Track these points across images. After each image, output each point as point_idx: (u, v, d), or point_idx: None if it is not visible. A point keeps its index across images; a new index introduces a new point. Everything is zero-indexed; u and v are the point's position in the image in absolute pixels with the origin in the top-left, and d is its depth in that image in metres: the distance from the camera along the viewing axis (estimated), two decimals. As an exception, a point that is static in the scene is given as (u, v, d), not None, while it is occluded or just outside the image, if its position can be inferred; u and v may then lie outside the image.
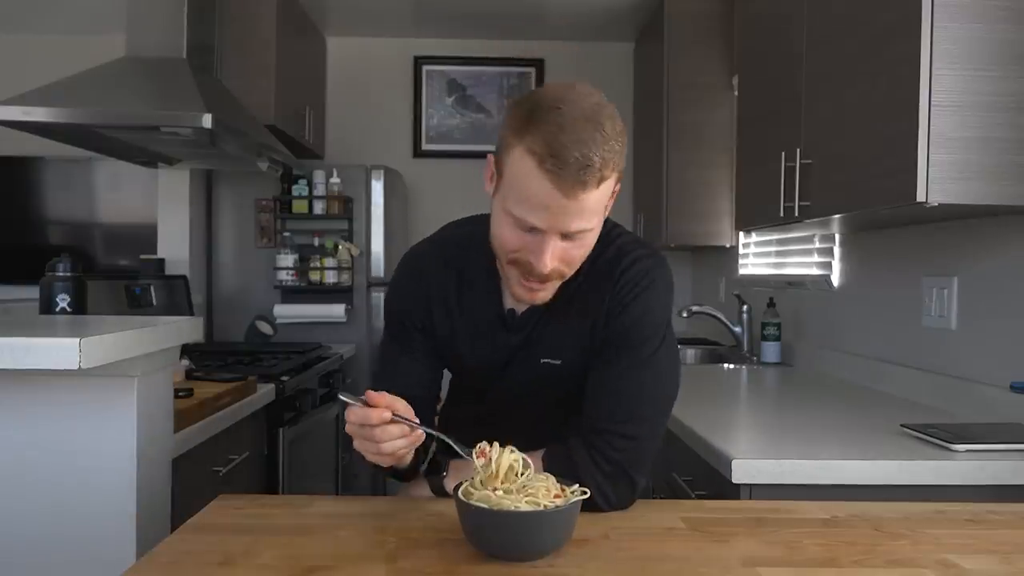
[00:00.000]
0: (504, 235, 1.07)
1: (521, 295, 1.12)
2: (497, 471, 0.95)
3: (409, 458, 1.09)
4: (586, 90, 1.03)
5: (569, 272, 1.11)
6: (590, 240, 1.09)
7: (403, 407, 1.01)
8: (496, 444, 0.98)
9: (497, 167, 1.07)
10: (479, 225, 1.19)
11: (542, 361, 1.19)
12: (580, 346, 1.17)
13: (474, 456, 0.98)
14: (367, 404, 0.99)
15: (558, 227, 1.02)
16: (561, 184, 0.98)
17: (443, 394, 1.37)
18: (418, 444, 1.04)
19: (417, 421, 1.02)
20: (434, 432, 1.06)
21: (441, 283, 1.22)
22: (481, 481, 0.95)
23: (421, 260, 1.25)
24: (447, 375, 1.38)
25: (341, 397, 1.01)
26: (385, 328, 1.29)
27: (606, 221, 1.20)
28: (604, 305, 1.15)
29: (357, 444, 1.02)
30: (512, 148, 1.02)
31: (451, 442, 1.05)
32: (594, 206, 1.02)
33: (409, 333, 1.24)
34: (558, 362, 1.19)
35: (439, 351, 1.25)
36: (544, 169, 0.98)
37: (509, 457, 0.96)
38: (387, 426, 0.99)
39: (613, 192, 1.08)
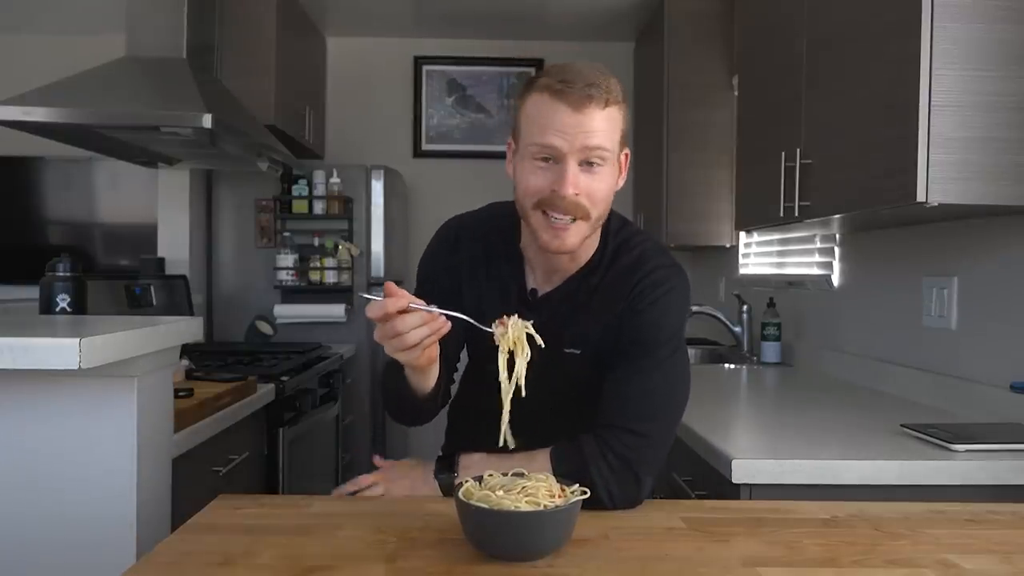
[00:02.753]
0: (527, 180, 1.13)
1: (548, 241, 1.15)
2: (516, 338, 1.03)
3: (436, 354, 1.09)
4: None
5: (593, 213, 1.14)
6: (605, 177, 1.13)
7: (420, 301, 1.01)
8: (516, 316, 1.07)
9: (513, 137, 1.17)
10: (513, 208, 1.23)
11: (565, 351, 1.21)
12: (598, 340, 1.20)
13: (494, 326, 1.05)
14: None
15: (575, 144, 1.09)
16: (570, 99, 1.08)
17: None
18: (442, 331, 1.02)
19: (435, 309, 1.01)
20: (451, 313, 1.05)
21: (472, 256, 1.28)
22: (501, 347, 1.04)
23: (458, 230, 1.31)
24: (456, 374, 1.38)
25: (362, 295, 1.05)
26: (416, 290, 1.29)
27: (629, 223, 1.27)
28: (622, 304, 1.19)
29: (387, 347, 1.02)
30: (524, 101, 1.14)
31: (470, 319, 1.08)
32: (606, 128, 1.10)
33: (437, 296, 1.24)
34: (578, 352, 1.21)
35: (468, 330, 1.25)
36: (553, 92, 1.09)
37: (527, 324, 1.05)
38: (405, 316, 0.99)
39: (626, 156, 1.17)
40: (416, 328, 0.99)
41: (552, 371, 1.21)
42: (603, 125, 1.10)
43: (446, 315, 1.03)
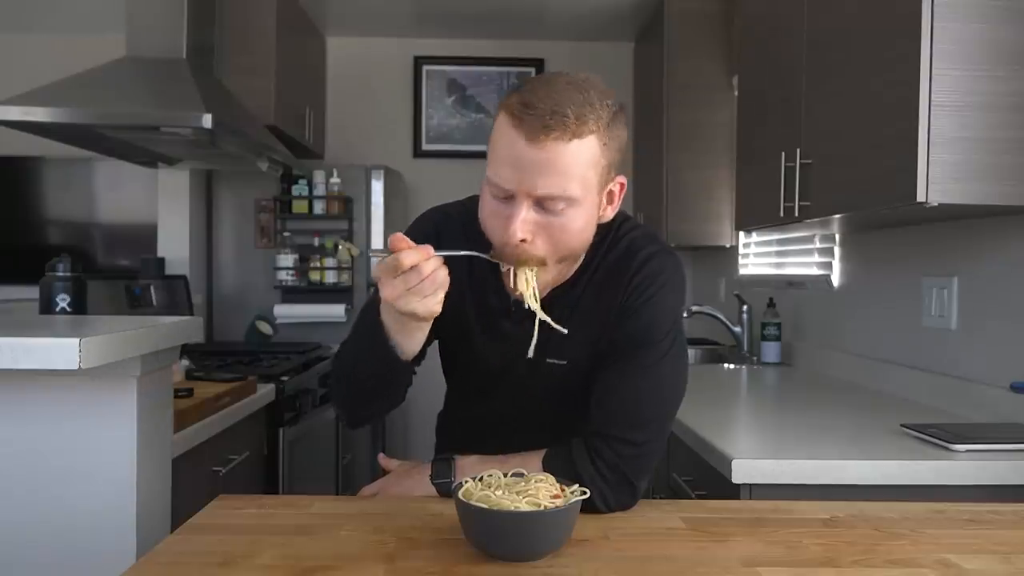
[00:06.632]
0: (484, 215, 1.04)
1: (508, 283, 1.07)
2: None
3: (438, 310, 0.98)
4: (584, 74, 1.01)
5: (553, 255, 1.03)
6: (573, 219, 1.00)
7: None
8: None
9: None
10: None
11: (548, 361, 1.15)
12: (588, 347, 1.13)
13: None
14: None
15: (526, 185, 0.96)
16: (525, 127, 0.94)
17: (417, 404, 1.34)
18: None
19: (445, 252, 0.95)
20: (467, 253, 1.01)
21: (454, 256, 1.16)
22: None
23: (441, 223, 1.19)
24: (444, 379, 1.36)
25: (373, 252, 0.97)
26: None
27: (618, 213, 1.14)
28: (615, 306, 1.12)
29: (409, 300, 0.93)
30: (497, 116, 1.00)
31: (485, 256, 1.00)
32: (567, 167, 0.96)
33: None
34: (564, 362, 1.15)
35: (447, 334, 1.18)
36: (513, 116, 0.95)
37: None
38: (428, 260, 0.92)
39: (621, 185, 1.06)
40: (438, 269, 0.92)
41: (534, 383, 1.18)
42: (564, 164, 0.95)
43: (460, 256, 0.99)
